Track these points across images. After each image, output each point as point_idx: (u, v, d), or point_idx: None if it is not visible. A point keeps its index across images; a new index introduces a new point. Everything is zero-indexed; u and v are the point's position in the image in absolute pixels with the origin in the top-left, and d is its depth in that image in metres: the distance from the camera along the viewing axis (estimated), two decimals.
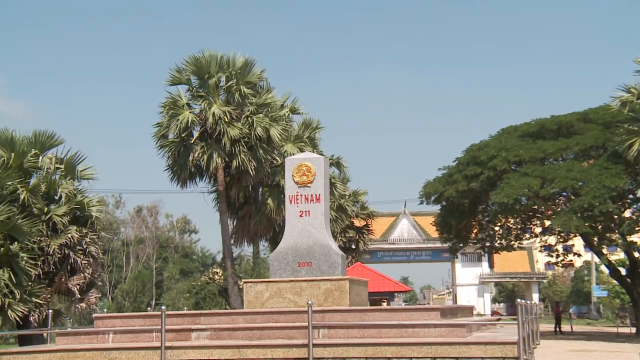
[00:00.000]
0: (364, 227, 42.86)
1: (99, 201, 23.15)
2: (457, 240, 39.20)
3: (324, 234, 15.19)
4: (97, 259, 21.87)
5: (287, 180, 15.64)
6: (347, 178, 38.70)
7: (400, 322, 11.88)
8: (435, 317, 12.33)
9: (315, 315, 12.17)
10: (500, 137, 36.43)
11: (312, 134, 32.72)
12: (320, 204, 15.31)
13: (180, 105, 29.14)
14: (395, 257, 69.72)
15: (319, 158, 15.90)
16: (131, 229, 71.64)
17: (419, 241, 68.69)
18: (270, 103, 29.85)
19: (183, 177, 29.67)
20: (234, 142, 28.45)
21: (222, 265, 32.27)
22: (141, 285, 60.14)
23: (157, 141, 29.56)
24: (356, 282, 15.23)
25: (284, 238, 15.43)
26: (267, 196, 30.33)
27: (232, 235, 32.31)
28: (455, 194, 34.86)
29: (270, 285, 14.72)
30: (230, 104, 29.34)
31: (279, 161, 30.68)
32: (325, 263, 14.99)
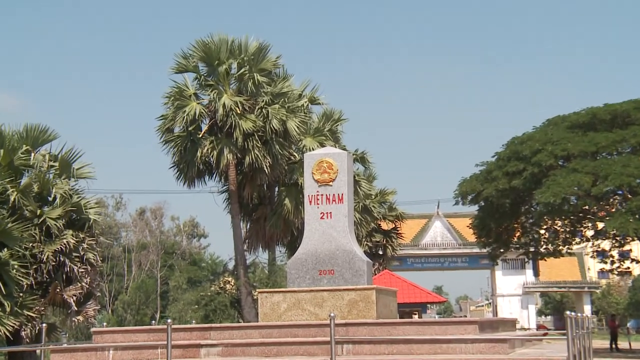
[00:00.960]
0: (393, 230, 42.72)
1: (98, 203, 23.30)
2: (497, 245, 38.95)
3: (347, 238, 15.16)
4: (95, 267, 22.01)
5: (307, 179, 15.63)
6: (373, 176, 38.61)
7: (434, 337, 11.83)
8: (473, 331, 12.26)
9: (338, 329, 12.15)
10: (546, 128, 36.13)
11: (334, 127, 32.69)
12: (343, 204, 15.29)
13: (187, 95, 29.24)
14: (428, 264, 69.46)
15: (341, 153, 15.88)
16: (133, 234, 72.13)
17: (454, 246, 68.40)
18: (287, 92, 29.86)
19: (190, 176, 29.78)
20: (246, 136, 28.50)
21: (234, 273, 32.35)
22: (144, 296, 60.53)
23: (161, 136, 29.70)
24: (384, 292, 15.19)
25: (303, 243, 15.43)
26: (284, 196, 30.36)
27: (245, 240, 32.37)
28: (494, 193, 34.63)
29: (288, 296, 14.72)
30: (243, 93, 29.38)
31: (297, 157, 30.66)
32: (349, 271, 14.96)
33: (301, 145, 30.67)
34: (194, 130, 29.30)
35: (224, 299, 32.02)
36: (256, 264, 35.70)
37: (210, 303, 32.12)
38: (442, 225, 69.22)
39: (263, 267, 35.32)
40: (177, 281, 59.30)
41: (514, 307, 69.86)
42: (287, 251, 34.70)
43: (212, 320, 30.42)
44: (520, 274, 70.18)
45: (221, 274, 35.97)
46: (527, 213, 37.55)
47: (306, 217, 15.53)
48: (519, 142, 35.27)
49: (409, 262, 68.09)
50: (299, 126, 29.19)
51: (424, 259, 69.09)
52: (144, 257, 68.53)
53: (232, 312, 31.50)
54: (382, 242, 41.86)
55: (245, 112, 28.93)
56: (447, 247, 68.51)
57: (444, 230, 69.01)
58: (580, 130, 34.71)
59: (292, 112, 29.28)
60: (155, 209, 72.92)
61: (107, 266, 61.45)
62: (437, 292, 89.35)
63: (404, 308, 37.18)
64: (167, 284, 63.19)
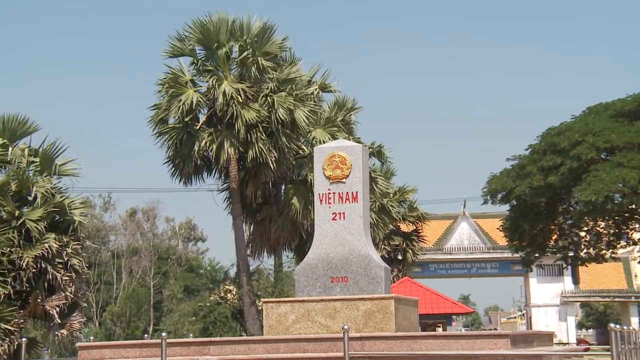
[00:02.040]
0: (413, 232, 42.68)
1: (83, 202, 23.38)
2: (532, 249, 38.91)
3: (362, 241, 15.19)
4: (81, 275, 22.08)
5: (317, 175, 15.65)
6: (391, 172, 38.61)
7: (460, 352, 11.84)
8: (505, 346, 12.27)
9: (352, 343, 12.17)
10: (587, 118, 36.02)
11: (347, 117, 32.69)
12: (357, 204, 15.31)
13: (183, 82, 29.30)
14: (453, 270, 69.41)
15: (356, 147, 15.90)
16: (123, 237, 72.35)
17: (483, 250, 68.33)
18: (295, 79, 29.88)
19: (187, 172, 29.85)
20: (249, 127, 28.54)
21: (236, 281, 32.42)
22: (136, 306, 60.72)
23: (154, 127, 29.73)
24: (404, 302, 15.21)
25: (313, 247, 15.46)
26: (292, 195, 30.40)
27: (249, 243, 32.42)
28: (528, 191, 34.60)
29: (297, 306, 14.76)
30: (245, 80, 29.40)
31: (307, 151, 30.67)
32: (364, 278, 14.99)
33: (311, 138, 30.66)
34: (190, 121, 29.34)
35: (225, 309, 32.10)
36: (261, 270, 35.81)
37: (210, 314, 32.21)
38: (469, 227, 69.15)
39: (268, 274, 35.43)
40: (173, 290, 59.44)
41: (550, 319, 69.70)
42: (295, 256, 34.74)
43: (212, 334, 30.50)
44: (557, 282, 69.99)
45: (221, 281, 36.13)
46: (565, 213, 37.50)
47: (316, 218, 15.56)
48: (556, 133, 35.20)
49: (431, 268, 68.06)
50: (308, 116, 29.20)
51: (449, 264, 69.03)
52: (135, 263, 68.73)
53: (234, 325, 31.59)
54: (401, 245, 41.83)
55: (248, 100, 28.95)
56: (474, 252, 68.43)
57: (471, 233, 68.94)
58: (625, 119, 34.59)
59: (301, 101, 29.29)
60: (147, 209, 73.12)
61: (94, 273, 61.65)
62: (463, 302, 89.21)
63: (427, 320, 37.21)
64: (161, 293, 63.34)
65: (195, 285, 63.79)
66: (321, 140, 29.30)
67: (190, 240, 78.13)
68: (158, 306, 64.45)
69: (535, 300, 70.96)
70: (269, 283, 33.53)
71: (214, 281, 60.70)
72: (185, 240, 77.46)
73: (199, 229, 78.68)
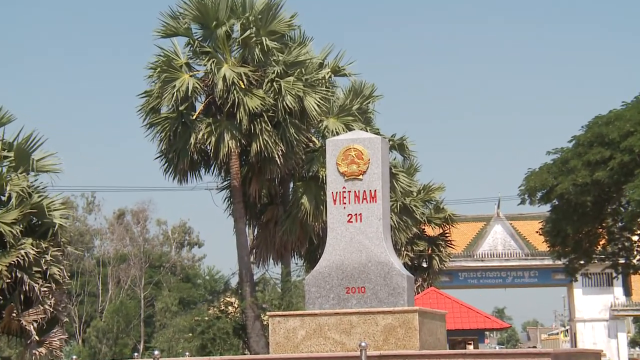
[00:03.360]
0: (440, 236, 42.63)
1: (65, 203, 23.52)
2: (576, 255, 38.81)
3: (382, 246, 15.22)
4: (61, 285, 22.17)
5: (330, 171, 15.69)
6: (414, 167, 38.55)
7: None
8: None
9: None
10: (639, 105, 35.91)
11: (365, 105, 32.70)
12: (376, 203, 15.33)
13: (177, 65, 29.37)
14: (486, 279, 69.29)
15: (374, 139, 15.92)
16: (109, 242, 72.57)
17: (520, 257, 68.16)
18: (305, 61, 29.91)
19: (181, 168, 29.93)
20: (253, 117, 28.60)
21: (238, 292, 32.49)
22: (124, 321, 60.89)
23: (144, 118, 29.82)
24: (429, 316, 15.24)
25: (326, 253, 15.50)
26: (301, 194, 30.45)
27: (252, 249, 32.48)
28: (572, 189, 34.50)
29: (307, 320, 14.80)
30: (248, 63, 29.45)
31: (318, 143, 30.69)
32: (384, 288, 15.02)
33: (322, 129, 30.69)
34: (186, 110, 29.42)
35: (226, 324, 32.13)
36: (266, 280, 35.80)
37: (208, 330, 32.25)
38: (504, 230, 68.98)
39: (275, 284, 35.41)
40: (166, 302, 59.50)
41: (598, 336, 69.51)
42: (305, 263, 34.72)
43: (211, 352, 30.56)
44: (606, 293, 69.76)
45: (221, 293, 36.10)
46: (615, 214, 37.37)
47: (329, 220, 15.58)
48: (604, 123, 35.06)
49: (461, 278, 67.94)
50: (319, 104, 29.22)
51: (481, 273, 68.88)
52: (123, 272, 68.91)
53: (236, 342, 31.64)
54: (426, 251, 41.79)
55: (252, 86, 28.99)
56: (510, 258, 68.24)
57: (506, 237, 68.78)
58: None
59: (311, 86, 29.31)
60: (137, 210, 73.31)
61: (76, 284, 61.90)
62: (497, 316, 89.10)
63: (456, 336, 37.17)
64: (153, 306, 63.48)
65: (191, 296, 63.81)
66: (334, 132, 29.31)
67: (184, 246, 78.32)
68: (149, 321, 64.63)
69: (580, 314, 70.72)
70: (275, 294, 33.52)
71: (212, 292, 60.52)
72: (179, 245, 77.64)
73: (195, 233, 78.87)
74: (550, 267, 62.69)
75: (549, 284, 70.91)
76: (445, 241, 42.78)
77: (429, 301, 35.99)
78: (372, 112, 33.42)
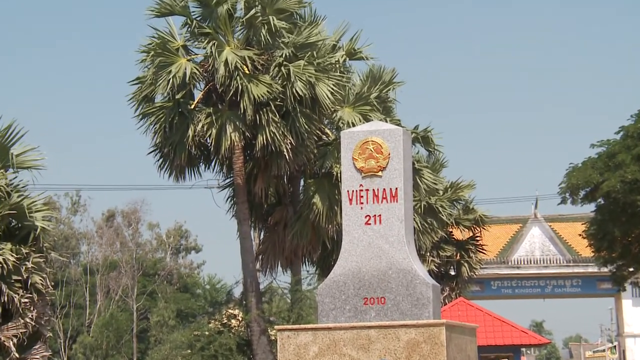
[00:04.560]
0: (470, 240, 42.62)
1: (47, 204, 23.55)
2: (625, 261, 38.72)
3: (404, 252, 15.23)
4: (44, 296, 22.22)
5: (345, 167, 15.71)
6: (440, 163, 38.56)
7: None
8: None
9: None
10: None
11: (384, 93, 32.69)
12: (398, 203, 15.34)
13: (173, 48, 29.43)
14: (522, 289, 69.22)
15: (395, 130, 15.92)
16: (98, 248, 72.78)
17: (560, 263, 68.09)
18: (317, 43, 29.92)
19: (178, 164, 29.99)
20: (259, 106, 28.65)
21: (242, 303, 32.55)
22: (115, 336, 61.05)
23: (136, 107, 29.89)
24: (458, 330, 15.25)
25: (341, 259, 15.53)
26: (313, 192, 30.47)
27: (258, 255, 32.53)
28: (620, 186, 34.41)
29: (320, 335, 14.84)
30: (253, 45, 29.49)
31: (332, 136, 30.72)
32: (407, 299, 15.04)
33: (337, 119, 30.71)
34: (183, 98, 29.48)
35: (229, 339, 32.23)
36: (273, 289, 35.83)
37: (209, 346, 32.35)
38: (542, 233, 68.90)
39: (283, 294, 35.48)
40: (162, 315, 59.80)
41: None
42: (317, 271, 34.80)
43: None
44: None
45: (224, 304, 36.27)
46: None
47: (344, 223, 15.60)
48: None
49: (493, 287, 67.88)
50: (333, 91, 29.23)
51: (516, 282, 68.80)
52: (113, 280, 69.14)
53: (241, 359, 31.74)
54: (454, 257, 41.79)
55: (257, 71, 29.04)
56: (549, 265, 68.17)
57: (544, 240, 68.69)
58: None
59: (324, 71, 29.33)
60: (128, 212, 73.51)
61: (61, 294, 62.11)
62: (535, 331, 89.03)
63: (488, 353, 37.08)
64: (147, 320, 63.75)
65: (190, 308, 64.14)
66: (350, 123, 29.31)
67: (181, 252, 78.45)
68: (143, 336, 64.82)
69: (630, 328, 70.59)
70: (284, 305, 33.59)
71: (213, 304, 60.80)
72: (176, 251, 77.77)
73: (193, 237, 79.03)
74: (595, 275, 62.49)
75: (594, 294, 70.70)
76: (475, 246, 42.77)
77: (458, 313, 35.94)
78: (393, 101, 33.39)
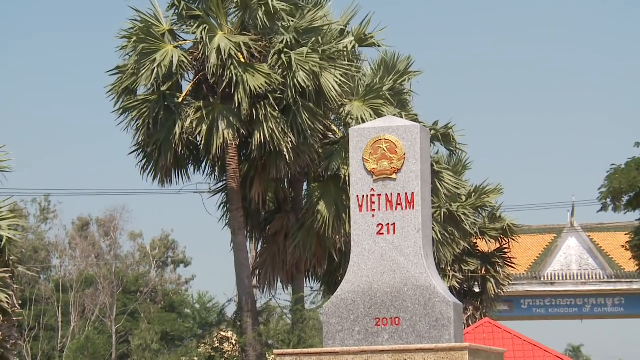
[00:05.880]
0: (497, 253, 42.57)
1: (14, 211, 23.57)
2: None
3: (421, 265, 15.23)
4: (10, 316, 22.28)
5: (354, 169, 15.70)
6: (463, 164, 38.52)
7: None
8: None
9: None
10: None
11: (399, 84, 32.67)
12: (414, 210, 15.33)
13: (158, 34, 29.43)
14: (556, 308, 69.21)
15: (411, 127, 15.92)
16: (71, 261, 72.67)
17: (601, 279, 68.03)
18: (322, 28, 29.94)
19: (164, 165, 29.98)
20: (255, 99, 28.66)
21: (236, 324, 32.57)
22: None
23: (115, 101, 29.92)
24: (483, 354, 15.25)
25: (349, 274, 15.52)
26: (318, 198, 30.47)
27: (255, 269, 32.53)
28: None
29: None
30: (249, 30, 29.52)
31: (339, 134, 30.72)
32: (425, 319, 15.03)
33: (345, 114, 30.71)
34: (169, 91, 29.51)
35: None
36: (272, 308, 35.86)
37: None
38: (580, 245, 68.86)
39: (283, 314, 35.50)
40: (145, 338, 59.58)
41: None
42: (322, 287, 34.78)
43: None
44: None
45: (215, 325, 36.25)
46: None
47: (354, 232, 15.60)
48: None
49: (524, 306, 67.86)
50: (340, 82, 29.25)
51: (550, 300, 68.77)
52: (89, 298, 69.04)
53: None
54: (479, 272, 41.74)
55: (254, 60, 29.06)
56: (588, 281, 68.12)
57: (582, 253, 68.65)
58: None
59: (330, 60, 29.34)
60: (105, 220, 73.33)
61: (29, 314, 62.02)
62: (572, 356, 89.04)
63: None
64: (128, 343, 63.66)
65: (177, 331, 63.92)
66: (360, 118, 29.31)
67: (167, 265, 78.32)
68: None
69: None
70: (284, 327, 33.62)
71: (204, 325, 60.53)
72: (161, 265, 77.64)
73: (181, 248, 78.87)
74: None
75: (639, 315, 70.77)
76: (503, 259, 42.71)
77: (483, 336, 35.92)
78: (409, 93, 33.37)
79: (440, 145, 36.16)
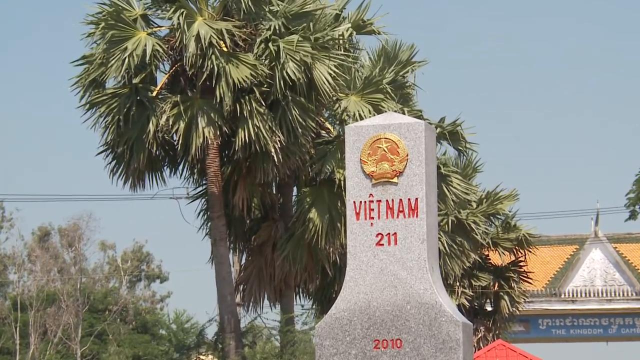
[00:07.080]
0: (512, 266, 42.68)
1: None
2: None
3: (426, 280, 15.26)
4: None
5: (351, 172, 15.73)
6: (473, 167, 38.60)
7: None
8: None
9: None
10: None
11: (401, 76, 32.75)
12: (418, 218, 15.35)
13: (130, 19, 29.48)
14: (579, 329, 69.42)
15: (415, 124, 15.94)
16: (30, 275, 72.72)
17: (629, 296, 68.27)
18: (314, 13, 30.01)
19: (136, 167, 30.04)
20: (239, 93, 28.72)
21: (217, 346, 32.63)
22: None
23: (81, 95, 29.97)
24: None
25: (345, 290, 15.55)
26: (309, 204, 30.54)
27: (239, 284, 32.60)
28: None
29: None
30: (232, 15, 29.58)
31: (333, 132, 30.79)
32: (430, 341, 15.06)
33: (339, 111, 30.77)
34: (142, 84, 29.55)
35: None
36: (258, 329, 35.93)
37: None
38: (605, 257, 69.02)
39: (271, 336, 35.57)
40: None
41: None
42: (315, 305, 34.82)
43: None
44: None
45: (194, 348, 36.34)
46: None
47: (350, 243, 15.61)
48: None
49: (542, 326, 68.03)
50: (335, 75, 29.32)
51: (572, 319, 68.95)
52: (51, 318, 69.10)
53: None
54: (491, 288, 41.84)
55: (238, 49, 29.11)
56: (614, 298, 68.31)
57: (608, 266, 68.82)
58: None
59: (324, 49, 29.42)
60: (69, 229, 73.36)
61: None
62: None
63: None
64: None
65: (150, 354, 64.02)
66: (357, 115, 29.39)
67: (140, 280, 78.39)
68: None
69: None
70: (271, 350, 33.70)
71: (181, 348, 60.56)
72: (134, 279, 77.71)
73: (156, 261, 78.99)
74: None
75: None
76: (518, 273, 42.84)
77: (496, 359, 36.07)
78: (412, 87, 33.45)
79: (448, 145, 36.21)
